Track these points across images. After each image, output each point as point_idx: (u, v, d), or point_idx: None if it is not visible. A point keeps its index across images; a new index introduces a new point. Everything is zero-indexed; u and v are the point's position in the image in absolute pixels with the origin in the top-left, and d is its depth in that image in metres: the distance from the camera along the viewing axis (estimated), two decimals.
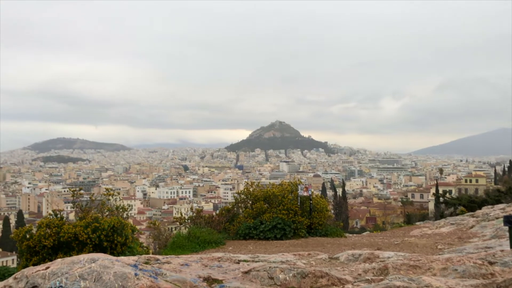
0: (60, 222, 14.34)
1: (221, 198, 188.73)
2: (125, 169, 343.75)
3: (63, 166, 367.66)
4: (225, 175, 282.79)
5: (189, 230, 17.74)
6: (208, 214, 22.56)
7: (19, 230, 14.62)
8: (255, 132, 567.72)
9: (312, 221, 19.55)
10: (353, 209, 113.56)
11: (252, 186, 21.61)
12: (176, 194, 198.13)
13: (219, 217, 20.45)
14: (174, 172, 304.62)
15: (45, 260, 12.96)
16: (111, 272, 5.09)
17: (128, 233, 14.59)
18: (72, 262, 5.49)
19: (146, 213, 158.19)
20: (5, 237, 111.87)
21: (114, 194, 18.65)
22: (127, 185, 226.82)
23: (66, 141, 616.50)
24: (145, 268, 5.54)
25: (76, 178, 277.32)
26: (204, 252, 14.28)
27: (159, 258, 6.31)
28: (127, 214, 18.45)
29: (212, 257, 6.81)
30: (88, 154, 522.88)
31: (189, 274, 5.65)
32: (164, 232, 20.72)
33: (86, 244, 13.64)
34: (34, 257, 13.95)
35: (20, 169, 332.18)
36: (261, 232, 18.10)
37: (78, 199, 16.95)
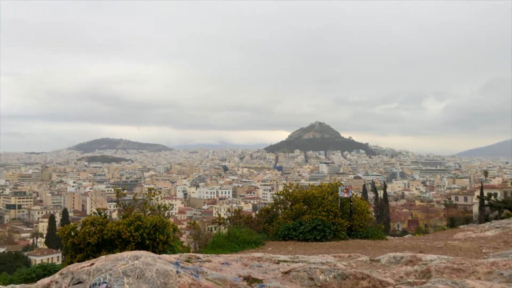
0: (104, 220, 14.67)
1: (260, 199, 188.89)
2: (167, 169, 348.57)
3: (106, 166, 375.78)
4: (264, 176, 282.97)
5: (229, 230, 17.84)
6: (247, 214, 22.64)
7: (64, 228, 15.02)
8: (295, 133, 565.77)
9: (352, 223, 19.34)
10: (395, 212, 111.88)
11: (291, 187, 21.56)
12: (215, 194, 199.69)
13: (258, 218, 20.51)
14: (214, 173, 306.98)
15: (89, 257, 13.28)
16: (153, 269, 5.18)
17: (170, 232, 14.81)
18: (115, 259, 5.62)
19: (187, 212, 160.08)
20: (50, 234, 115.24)
21: (155, 193, 18.96)
22: (168, 185, 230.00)
23: (110, 142, 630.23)
24: (186, 266, 5.61)
25: (119, 177, 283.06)
26: (243, 252, 14.34)
27: (200, 256, 6.39)
28: (168, 213, 18.76)
29: (252, 257, 6.84)
30: (131, 154, 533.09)
31: (229, 273, 5.69)
32: (204, 231, 20.93)
33: (129, 242, 13.90)
34: (78, 254, 14.31)
35: (65, 169, 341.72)
36: (301, 233, 18.03)
37: (121, 198, 17.33)
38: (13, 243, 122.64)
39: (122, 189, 17.81)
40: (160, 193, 21.00)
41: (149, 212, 17.06)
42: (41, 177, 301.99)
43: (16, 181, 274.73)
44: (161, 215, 16.37)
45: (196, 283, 5.08)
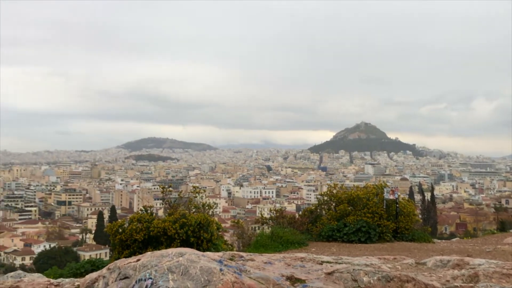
0: (150, 217, 14.96)
1: (304, 199, 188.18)
2: (211, 168, 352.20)
3: (153, 164, 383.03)
4: (308, 176, 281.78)
5: (272, 229, 17.86)
6: (290, 214, 22.61)
7: (112, 225, 15.39)
8: (340, 133, 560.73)
9: (398, 225, 19.02)
10: (442, 215, 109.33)
11: (335, 188, 21.39)
12: (259, 194, 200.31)
13: (301, 218, 20.44)
14: (257, 172, 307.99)
15: (136, 254, 13.56)
16: (197, 267, 5.26)
17: (214, 230, 14.96)
18: (161, 255, 5.73)
19: (230, 211, 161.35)
20: (99, 231, 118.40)
21: (200, 192, 19.18)
22: (213, 184, 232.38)
23: (157, 141, 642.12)
24: (230, 264, 5.66)
25: (165, 176, 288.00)
26: (286, 252, 14.33)
27: (243, 255, 6.43)
28: (213, 212, 18.95)
29: (295, 257, 6.83)
30: (176, 153, 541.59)
31: (272, 272, 5.70)
32: (247, 231, 21.03)
33: (174, 239, 14.13)
34: (125, 250, 14.63)
35: (113, 167, 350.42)
36: (345, 235, 17.88)
37: (167, 196, 17.63)
38: (63, 238, 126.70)
39: (168, 187, 18.11)
40: (204, 191, 21.24)
41: (194, 210, 17.30)
42: (91, 174, 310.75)
43: (67, 178, 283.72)
44: (206, 214, 16.56)
45: (239, 281, 5.12)
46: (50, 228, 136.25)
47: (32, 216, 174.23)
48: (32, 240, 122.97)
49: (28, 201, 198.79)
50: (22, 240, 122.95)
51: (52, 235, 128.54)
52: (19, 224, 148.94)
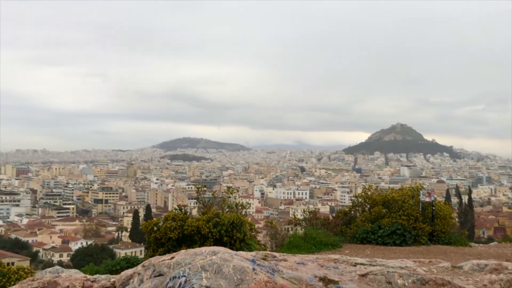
0: (184, 216, 15.12)
1: (338, 201, 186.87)
2: (244, 169, 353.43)
3: (187, 164, 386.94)
4: (342, 178, 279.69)
5: (305, 230, 17.80)
6: (324, 216, 22.47)
7: (147, 223, 15.64)
8: (375, 134, 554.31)
9: (434, 228, 18.68)
10: (480, 218, 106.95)
11: (370, 189, 21.17)
12: (292, 195, 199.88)
13: (335, 220, 20.30)
14: (291, 173, 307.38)
15: (170, 252, 13.71)
16: (230, 265, 5.29)
17: (246, 230, 15.02)
18: (195, 253, 5.79)
19: (264, 212, 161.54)
20: (134, 229, 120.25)
21: (234, 192, 19.27)
22: (246, 184, 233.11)
23: (191, 141, 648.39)
24: (263, 264, 5.68)
25: (199, 175, 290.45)
26: (320, 253, 14.26)
27: (276, 255, 6.44)
28: (246, 212, 19.01)
29: (328, 258, 6.79)
30: (210, 153, 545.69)
31: (305, 273, 5.69)
32: (280, 231, 21.00)
33: (207, 238, 14.24)
34: (160, 248, 14.84)
35: (149, 166, 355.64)
36: (379, 237, 17.66)
37: (201, 195, 17.79)
38: (100, 236, 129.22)
39: (202, 187, 18.27)
40: (238, 191, 21.33)
41: (227, 210, 17.40)
42: (127, 173, 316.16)
43: (104, 177, 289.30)
44: (239, 213, 16.63)
45: (272, 281, 5.13)
46: (87, 226, 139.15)
47: (70, 213, 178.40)
48: (70, 237, 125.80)
49: (66, 199, 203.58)
50: (60, 237, 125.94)
51: (89, 232, 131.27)
52: (57, 222, 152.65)
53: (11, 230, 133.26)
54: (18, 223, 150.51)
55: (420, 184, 23.52)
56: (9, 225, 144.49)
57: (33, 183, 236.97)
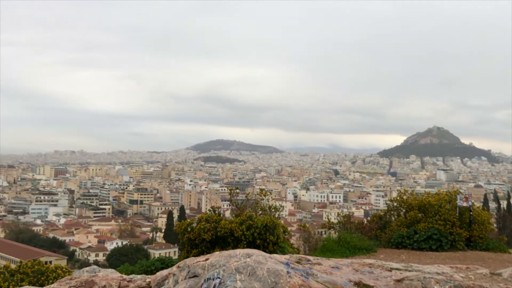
0: (217, 218, 15.20)
1: (372, 204, 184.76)
2: (277, 171, 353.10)
3: (221, 166, 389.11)
4: (377, 182, 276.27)
5: (339, 234, 17.66)
6: (358, 220, 22.26)
7: (181, 223, 15.77)
8: (410, 137, 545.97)
9: (471, 233, 18.26)
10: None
11: (405, 194, 20.85)
12: (326, 198, 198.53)
13: (370, 224, 20.08)
14: (324, 176, 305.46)
15: (204, 253, 13.81)
16: (264, 268, 5.29)
17: (280, 233, 14.98)
18: (229, 255, 5.81)
19: (296, 215, 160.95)
20: (168, 230, 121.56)
21: (267, 194, 19.25)
22: (279, 186, 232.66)
23: (224, 143, 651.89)
24: (297, 267, 5.65)
25: (232, 177, 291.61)
26: (354, 258, 14.12)
27: (310, 258, 6.40)
28: (279, 214, 18.97)
29: (363, 263, 6.71)
30: (243, 155, 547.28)
31: (339, 277, 5.64)
32: (314, 235, 20.89)
33: (240, 240, 14.27)
34: (194, 249, 14.95)
35: (183, 168, 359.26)
36: (415, 242, 17.37)
37: (234, 197, 17.85)
38: (135, 236, 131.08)
39: (236, 188, 18.32)
40: (271, 194, 21.32)
41: (260, 213, 17.39)
42: (161, 175, 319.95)
43: (139, 178, 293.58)
44: (272, 216, 16.61)
45: (306, 285, 5.10)
46: (123, 226, 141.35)
47: (106, 214, 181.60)
48: (106, 237, 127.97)
49: (102, 200, 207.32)
50: (96, 236, 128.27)
51: (124, 232, 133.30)
52: (93, 221, 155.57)
53: (49, 230, 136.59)
54: (56, 222, 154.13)
55: (457, 189, 23.06)
56: (47, 225, 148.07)
57: (70, 184, 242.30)
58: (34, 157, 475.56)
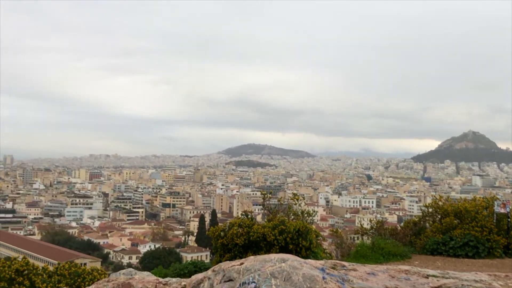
0: (250, 223, 15.24)
1: (406, 210, 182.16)
2: (309, 176, 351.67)
3: (252, 170, 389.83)
4: (411, 187, 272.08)
5: (373, 240, 17.45)
6: (392, 226, 21.97)
7: (215, 228, 15.89)
8: (445, 142, 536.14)
9: (509, 240, 17.78)
10: None
11: (441, 199, 20.49)
12: (358, 203, 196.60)
13: (404, 230, 19.79)
14: (357, 181, 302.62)
15: (236, 257, 13.86)
16: (300, 273, 5.28)
17: (312, 238, 14.92)
18: (264, 260, 5.82)
19: (328, 220, 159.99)
20: (200, 233, 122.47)
21: (300, 199, 19.20)
22: (311, 191, 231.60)
23: (256, 147, 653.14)
24: (332, 273, 5.62)
25: (263, 182, 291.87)
26: (388, 264, 13.94)
27: (345, 264, 6.35)
28: (312, 219, 18.90)
29: (399, 269, 6.62)
30: (275, 159, 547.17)
31: (375, 284, 5.58)
32: (346, 240, 20.70)
33: (273, 245, 14.26)
34: (227, 254, 15.02)
35: (215, 172, 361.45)
36: (451, 249, 17.03)
37: (267, 202, 17.86)
38: (167, 239, 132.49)
39: (268, 193, 18.34)
40: (304, 198, 21.25)
41: (292, 217, 17.35)
42: (193, 178, 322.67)
43: (172, 181, 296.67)
44: (304, 221, 16.55)
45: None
46: (155, 229, 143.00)
47: (139, 217, 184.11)
48: (139, 240, 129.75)
49: (136, 203, 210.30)
50: (130, 239, 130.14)
51: (157, 236, 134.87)
52: (127, 224, 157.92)
53: (84, 232, 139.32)
54: (91, 225, 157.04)
55: (494, 195, 22.55)
56: (82, 227, 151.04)
57: (105, 187, 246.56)
58: (70, 161, 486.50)
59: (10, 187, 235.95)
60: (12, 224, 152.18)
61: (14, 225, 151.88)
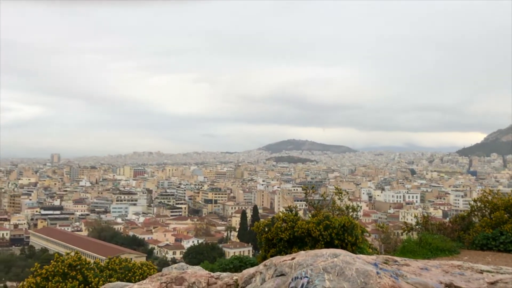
0: (294, 218, 15.23)
1: (451, 205, 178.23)
2: (351, 171, 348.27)
3: (292, 166, 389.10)
4: (456, 181, 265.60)
5: (420, 235, 17.20)
6: (439, 221, 21.59)
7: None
8: (491, 135, 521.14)
9: None
10: None
11: (490, 194, 19.98)
12: (402, 198, 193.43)
13: (452, 225, 19.40)
14: (400, 176, 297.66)
15: (281, 253, 13.89)
16: (353, 268, 5.28)
17: (358, 233, 14.79)
18: (315, 255, 5.85)
19: (371, 215, 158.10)
20: (242, 229, 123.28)
21: (344, 194, 19.09)
22: (353, 186, 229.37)
23: (296, 143, 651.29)
24: (386, 268, 5.59)
25: (304, 177, 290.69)
26: (436, 259, 13.71)
27: (397, 259, 6.31)
28: (356, 215, 18.73)
29: (451, 264, 6.51)
30: (315, 155, 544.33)
31: (429, 279, 5.52)
32: (392, 236, 20.47)
33: (318, 240, 14.21)
34: (271, 249, 15.07)
35: (255, 168, 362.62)
36: (501, 244, 16.60)
37: (310, 197, 17.82)
38: (210, 235, 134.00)
39: (311, 187, 18.31)
40: (347, 193, 21.13)
41: (337, 213, 17.26)
42: (234, 175, 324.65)
43: (213, 178, 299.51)
44: (349, 216, 16.44)
45: (397, 286, 5.04)
46: (198, 225, 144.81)
47: (182, 213, 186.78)
48: (182, 235, 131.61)
49: (178, 199, 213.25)
50: (174, 235, 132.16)
51: (200, 231, 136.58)
52: (170, 220, 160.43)
53: (129, 228, 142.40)
54: (136, 221, 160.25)
55: None
56: (127, 223, 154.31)
57: (148, 184, 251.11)
58: (114, 159, 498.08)
59: (57, 184, 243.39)
60: (60, 221, 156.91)
61: (62, 221, 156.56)
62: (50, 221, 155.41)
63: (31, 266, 18.49)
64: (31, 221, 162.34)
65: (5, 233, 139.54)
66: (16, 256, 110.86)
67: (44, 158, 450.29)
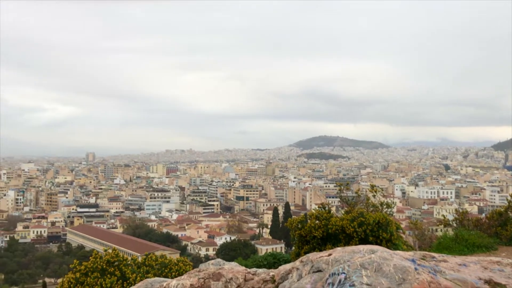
0: (328, 215, 15.22)
1: (487, 200, 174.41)
2: (384, 167, 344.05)
3: (324, 162, 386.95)
4: (492, 176, 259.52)
5: (456, 232, 16.95)
6: (476, 217, 21.22)
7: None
8: None
9: None
10: None
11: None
12: (436, 194, 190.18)
13: (489, 221, 19.05)
14: (434, 172, 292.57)
15: (315, 249, 13.90)
16: (390, 264, 5.29)
17: (393, 230, 14.69)
18: (352, 251, 5.88)
19: (405, 212, 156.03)
20: (274, 226, 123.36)
21: (378, 190, 18.95)
22: (386, 183, 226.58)
23: (327, 139, 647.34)
24: (423, 264, 5.59)
25: (336, 174, 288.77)
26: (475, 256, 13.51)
27: (434, 255, 6.28)
28: (391, 211, 18.60)
29: (490, 260, 6.45)
30: (347, 151, 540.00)
31: (468, 275, 5.49)
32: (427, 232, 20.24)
33: (352, 237, 14.18)
34: (305, 246, 15.10)
35: (286, 165, 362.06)
36: None
37: (344, 194, 17.77)
38: (242, 232, 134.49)
39: (345, 184, 18.25)
40: (382, 189, 20.97)
41: (371, 209, 17.17)
42: (265, 171, 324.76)
43: (244, 175, 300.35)
44: (384, 213, 16.34)
45: (435, 282, 5.04)
46: (230, 222, 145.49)
47: (215, 210, 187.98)
48: (215, 232, 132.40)
49: (211, 196, 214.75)
50: (206, 232, 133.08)
51: (232, 228, 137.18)
52: (203, 217, 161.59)
53: (162, 225, 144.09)
54: (169, 218, 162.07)
55: None
56: (161, 220, 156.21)
57: (181, 181, 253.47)
58: (147, 157, 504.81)
59: (92, 182, 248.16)
60: (95, 218, 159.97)
61: (97, 219, 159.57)
62: (86, 219, 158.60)
63: (68, 262, 19.06)
64: (68, 218, 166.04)
65: (43, 231, 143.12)
66: (54, 253, 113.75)
67: (79, 157, 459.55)
